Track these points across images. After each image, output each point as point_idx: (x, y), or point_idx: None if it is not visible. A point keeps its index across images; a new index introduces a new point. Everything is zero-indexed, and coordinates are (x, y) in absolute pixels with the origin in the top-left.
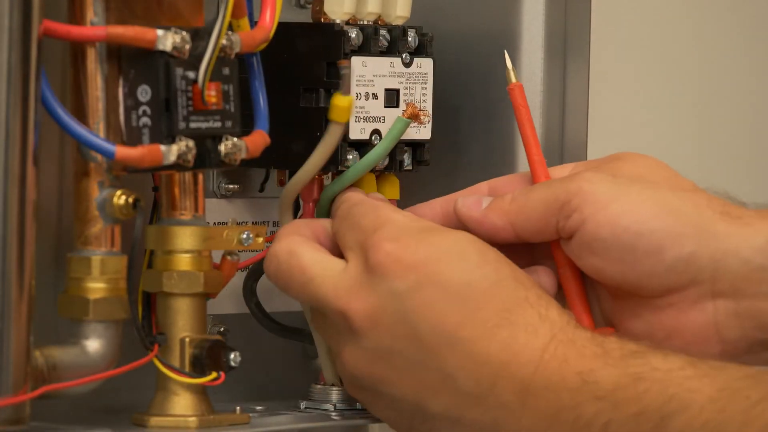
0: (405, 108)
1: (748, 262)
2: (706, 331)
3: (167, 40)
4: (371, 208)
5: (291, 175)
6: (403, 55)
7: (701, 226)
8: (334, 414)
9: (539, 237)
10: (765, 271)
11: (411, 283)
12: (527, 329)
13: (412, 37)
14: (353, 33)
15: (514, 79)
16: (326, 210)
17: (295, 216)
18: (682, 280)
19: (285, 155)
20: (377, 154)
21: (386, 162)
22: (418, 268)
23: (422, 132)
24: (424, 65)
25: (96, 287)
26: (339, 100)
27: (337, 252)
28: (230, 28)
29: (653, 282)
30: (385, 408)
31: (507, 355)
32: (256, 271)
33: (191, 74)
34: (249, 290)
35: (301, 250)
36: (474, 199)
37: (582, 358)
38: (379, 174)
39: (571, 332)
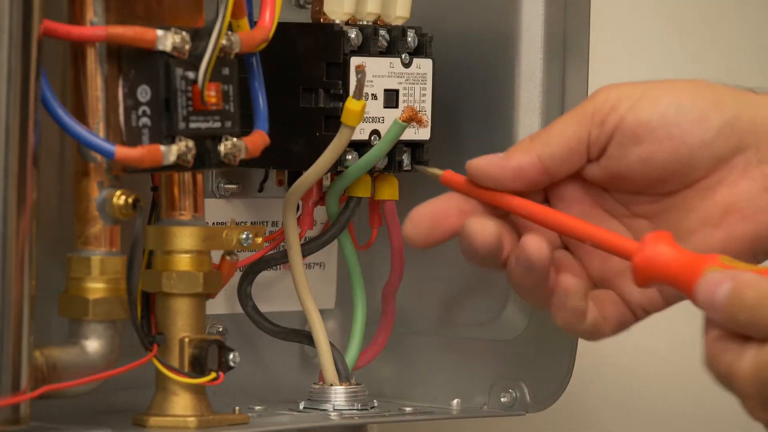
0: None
1: None
2: (759, 200)
3: (167, 40)
4: None
5: (290, 175)
6: (403, 56)
7: (735, 96)
8: (333, 414)
9: (569, 164)
10: None
11: None
12: None
13: (411, 37)
14: (353, 33)
15: (439, 173)
16: (334, 211)
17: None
18: (730, 146)
19: (284, 155)
20: (373, 155)
21: (385, 162)
22: None
23: (422, 132)
24: (424, 65)
25: (96, 287)
26: (352, 104)
27: None
28: (230, 28)
29: (704, 153)
30: None
31: None
32: (249, 274)
33: (191, 74)
34: (244, 294)
35: None
36: (485, 156)
37: None
38: (378, 174)
39: None
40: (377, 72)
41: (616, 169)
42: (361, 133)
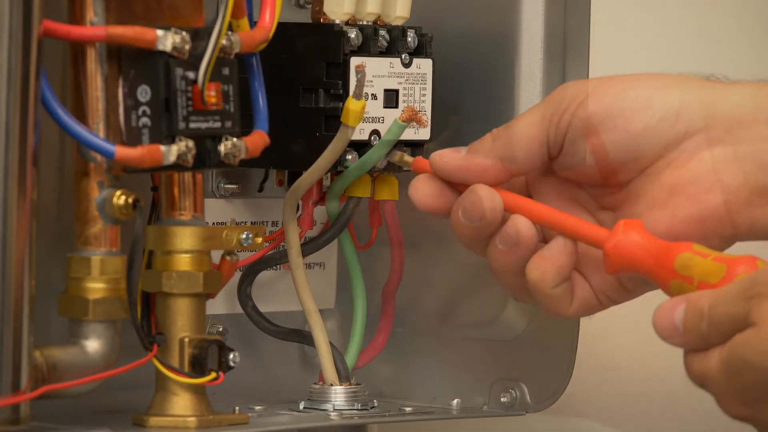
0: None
1: (739, 105)
2: (706, 181)
3: (167, 40)
4: None
5: (290, 175)
6: (403, 56)
7: (688, 83)
8: (333, 414)
9: (530, 163)
10: (757, 113)
11: None
12: None
13: (411, 37)
14: (353, 33)
15: (410, 160)
16: (334, 211)
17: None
18: (676, 131)
19: (284, 155)
20: (373, 156)
21: (385, 162)
22: None
23: (422, 132)
24: (424, 66)
25: (96, 287)
26: (352, 104)
27: None
28: (230, 28)
29: (649, 140)
30: None
31: None
32: (249, 274)
33: (191, 74)
34: (244, 294)
35: None
36: (449, 150)
37: None
38: (378, 174)
39: None
40: (377, 72)
41: (573, 164)
42: (361, 133)
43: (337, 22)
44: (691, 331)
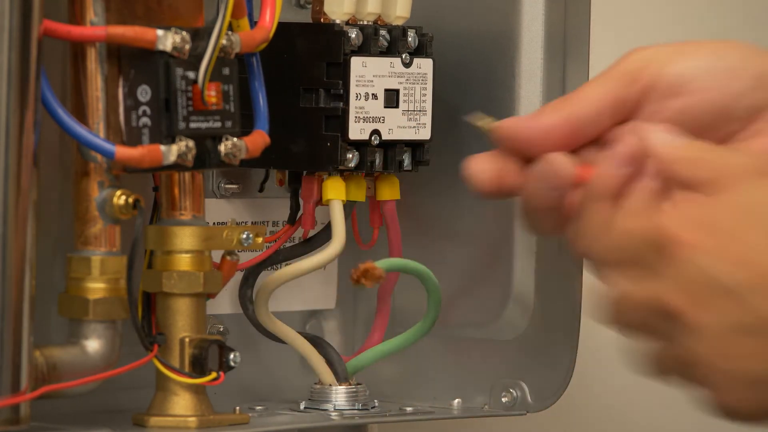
0: (357, 268)
1: None
2: None
3: (167, 40)
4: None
5: (290, 175)
6: (403, 56)
7: (762, 53)
8: (333, 414)
9: (598, 125)
10: None
11: None
12: None
13: (411, 37)
14: (353, 33)
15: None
16: None
17: (295, 215)
18: (764, 97)
19: (284, 155)
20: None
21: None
22: None
23: (422, 132)
24: (424, 65)
25: (96, 287)
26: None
27: None
28: (230, 28)
29: (741, 104)
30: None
31: None
32: (249, 277)
33: (191, 74)
34: (245, 297)
35: None
36: (517, 117)
37: None
38: (379, 174)
39: None
40: (377, 72)
41: (660, 108)
42: (362, 133)
43: (338, 22)
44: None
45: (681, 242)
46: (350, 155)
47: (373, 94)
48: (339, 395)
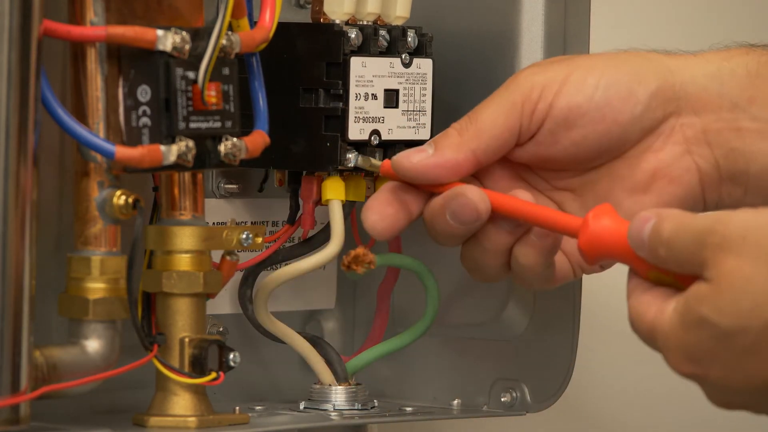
0: (348, 254)
1: (706, 89)
2: (684, 162)
3: (167, 40)
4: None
5: (290, 175)
6: (403, 56)
7: (655, 65)
8: (333, 414)
9: (499, 153)
10: (722, 98)
11: None
12: None
13: (411, 37)
14: (353, 33)
15: (378, 164)
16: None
17: (295, 215)
18: (656, 117)
19: (284, 155)
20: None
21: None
22: None
23: (422, 132)
24: (424, 65)
25: (96, 287)
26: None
27: None
28: (230, 28)
29: (635, 128)
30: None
31: None
32: (249, 277)
33: (191, 74)
34: (244, 297)
35: None
36: (412, 150)
37: None
38: (378, 175)
39: None
40: (377, 72)
41: (546, 153)
42: (361, 133)
43: (337, 22)
44: (651, 250)
45: None
46: (350, 155)
47: (372, 95)
48: (338, 395)
